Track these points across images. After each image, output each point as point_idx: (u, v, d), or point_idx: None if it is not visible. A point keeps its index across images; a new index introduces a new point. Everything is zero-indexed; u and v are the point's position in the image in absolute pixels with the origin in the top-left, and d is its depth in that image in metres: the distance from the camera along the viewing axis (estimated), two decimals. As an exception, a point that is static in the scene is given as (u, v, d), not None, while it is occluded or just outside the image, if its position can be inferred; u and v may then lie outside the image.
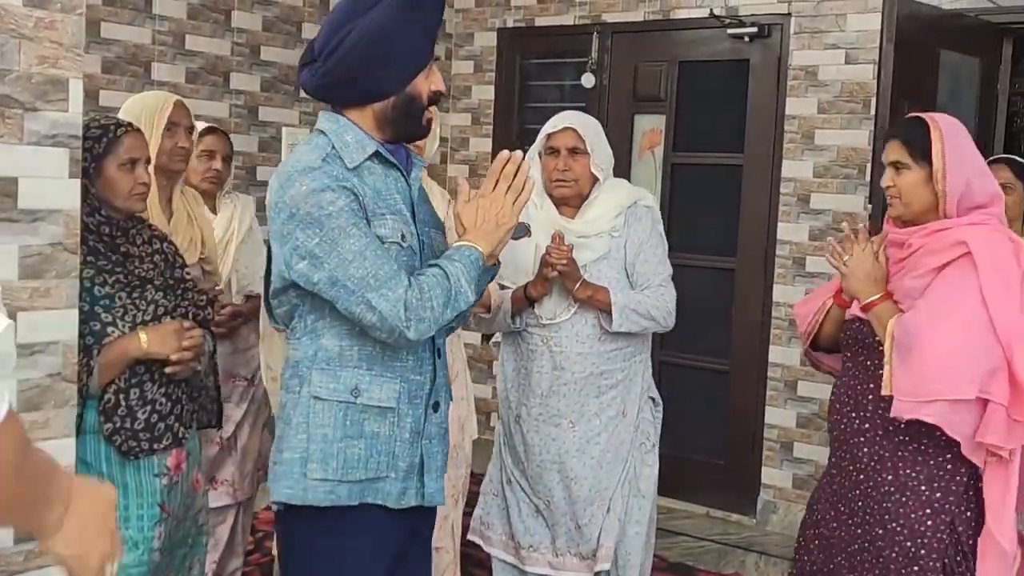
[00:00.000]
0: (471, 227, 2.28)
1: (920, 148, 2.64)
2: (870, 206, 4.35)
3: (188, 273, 2.73)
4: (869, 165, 4.61)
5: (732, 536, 5.00)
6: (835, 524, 2.78)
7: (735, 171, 5.22)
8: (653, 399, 3.40)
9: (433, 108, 2.33)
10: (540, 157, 3.31)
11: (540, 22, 5.80)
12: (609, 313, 3.16)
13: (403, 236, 2.24)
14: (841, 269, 2.73)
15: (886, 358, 2.56)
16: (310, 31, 5.71)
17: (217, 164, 3.67)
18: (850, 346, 2.80)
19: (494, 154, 5.92)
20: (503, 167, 2.30)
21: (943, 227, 2.62)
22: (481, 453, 4.01)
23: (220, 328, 3.51)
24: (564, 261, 3.08)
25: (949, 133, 2.65)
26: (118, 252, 2.54)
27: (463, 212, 2.31)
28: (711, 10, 5.11)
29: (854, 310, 2.76)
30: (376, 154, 2.26)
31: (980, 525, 2.58)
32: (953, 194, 2.61)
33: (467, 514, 3.57)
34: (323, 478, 2.20)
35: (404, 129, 2.30)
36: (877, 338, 2.64)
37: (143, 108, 3.14)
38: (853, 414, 2.73)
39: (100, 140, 2.53)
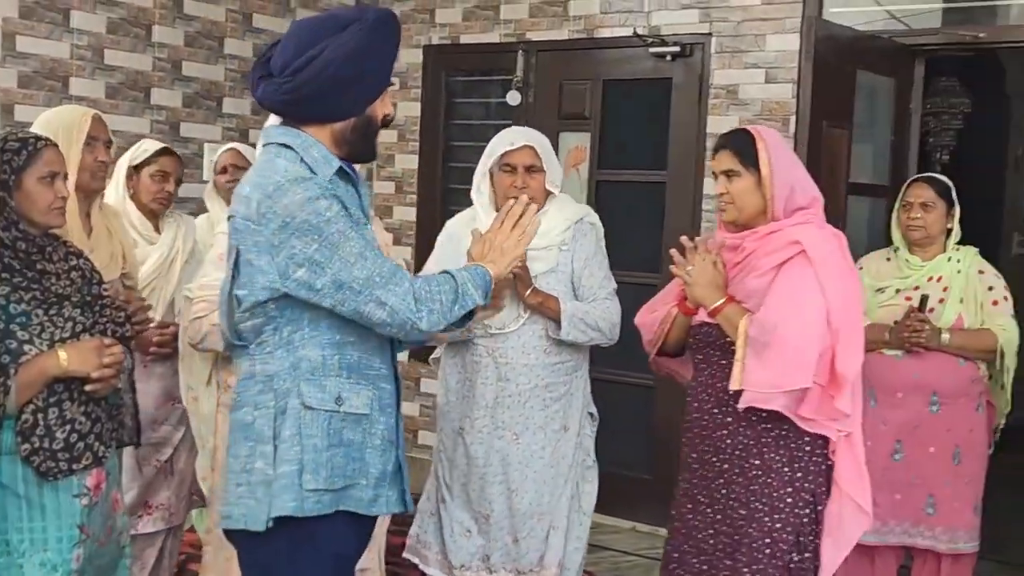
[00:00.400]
0: (479, 257, 2.39)
1: (749, 156, 2.83)
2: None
3: (106, 289, 2.69)
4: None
5: (659, 550, 4.99)
6: (691, 515, 2.94)
7: (658, 188, 5.28)
8: (592, 415, 3.44)
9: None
10: (491, 173, 3.33)
11: (465, 39, 5.80)
12: (557, 322, 3.18)
13: (377, 247, 2.29)
14: (685, 279, 2.86)
15: (738, 355, 2.70)
16: (232, 46, 5.65)
17: (171, 187, 3.66)
18: (701, 349, 2.94)
19: (420, 171, 5.95)
20: (510, 210, 2.42)
21: (774, 229, 2.81)
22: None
23: (164, 349, 3.45)
24: (519, 264, 3.11)
25: (772, 142, 2.85)
26: (34, 269, 2.49)
27: (472, 249, 2.44)
28: (634, 29, 5.17)
29: (701, 316, 2.89)
30: (339, 169, 2.29)
31: None
32: (780, 197, 2.81)
33: (391, 532, 3.54)
34: (315, 488, 2.22)
35: (359, 149, 2.36)
36: (728, 339, 2.78)
37: (60, 123, 3.07)
38: (716, 410, 2.86)
39: (19, 153, 2.48)
